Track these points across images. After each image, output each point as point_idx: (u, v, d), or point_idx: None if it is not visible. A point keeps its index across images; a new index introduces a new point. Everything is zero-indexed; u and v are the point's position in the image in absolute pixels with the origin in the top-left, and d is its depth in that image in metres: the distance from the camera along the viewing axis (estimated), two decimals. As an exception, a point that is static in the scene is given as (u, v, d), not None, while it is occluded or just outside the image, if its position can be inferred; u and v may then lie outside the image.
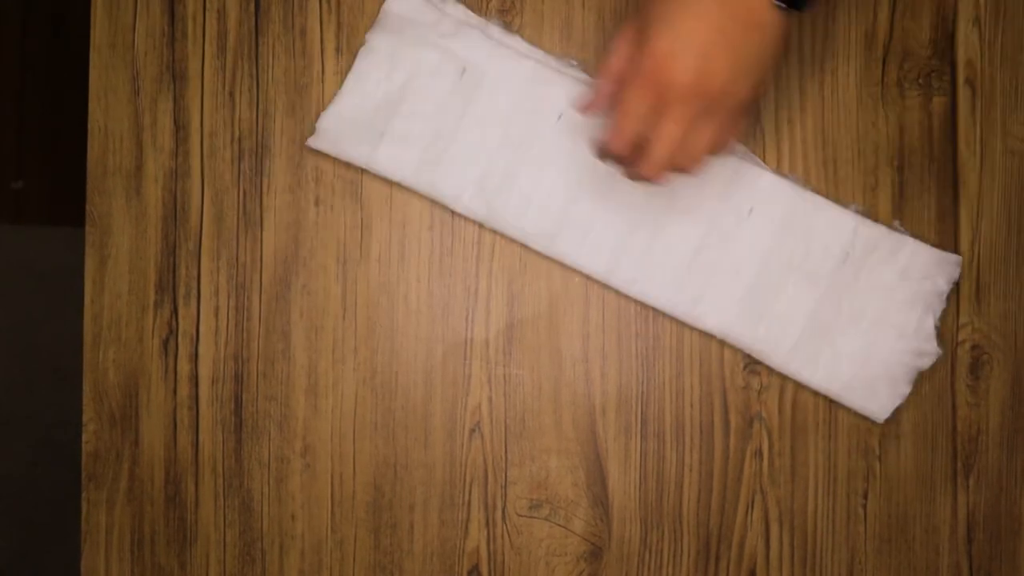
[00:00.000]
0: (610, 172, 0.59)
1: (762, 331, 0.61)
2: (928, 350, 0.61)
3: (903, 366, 0.61)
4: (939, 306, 0.61)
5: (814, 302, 0.61)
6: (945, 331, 0.62)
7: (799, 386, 0.62)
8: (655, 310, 0.62)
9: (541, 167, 0.61)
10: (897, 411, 0.62)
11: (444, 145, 0.61)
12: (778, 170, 0.62)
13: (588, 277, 0.62)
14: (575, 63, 0.62)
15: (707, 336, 0.63)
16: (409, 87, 0.61)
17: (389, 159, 0.61)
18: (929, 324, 0.61)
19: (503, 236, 0.62)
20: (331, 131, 0.61)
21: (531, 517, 0.63)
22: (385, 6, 0.62)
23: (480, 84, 0.61)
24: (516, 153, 0.61)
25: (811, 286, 0.61)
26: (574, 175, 0.62)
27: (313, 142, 0.62)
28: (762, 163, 0.62)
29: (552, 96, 0.61)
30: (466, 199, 0.62)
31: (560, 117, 0.61)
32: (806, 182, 0.62)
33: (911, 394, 0.61)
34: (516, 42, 0.62)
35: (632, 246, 0.61)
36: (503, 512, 0.63)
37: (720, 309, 0.61)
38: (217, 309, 0.63)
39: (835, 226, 0.61)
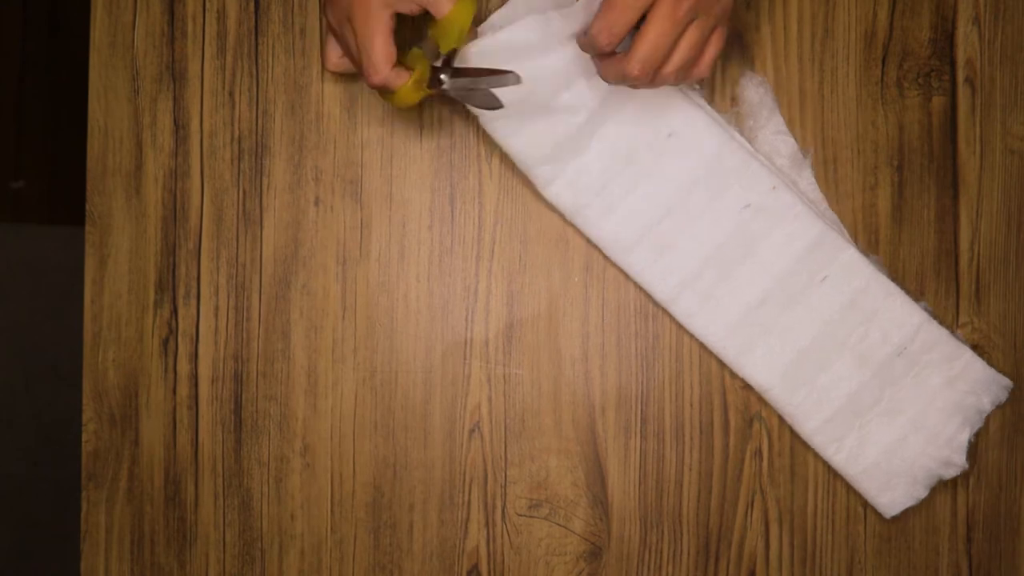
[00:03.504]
0: (697, 200, 0.61)
1: (799, 398, 0.61)
2: (956, 462, 0.60)
3: (926, 470, 0.61)
4: (978, 423, 0.61)
5: (858, 384, 0.61)
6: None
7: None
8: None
9: (637, 178, 0.61)
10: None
11: (554, 126, 0.60)
12: (860, 247, 0.62)
13: (649, 296, 0.62)
14: (697, 88, 0.62)
15: (707, 336, 0.63)
16: (541, 65, 0.57)
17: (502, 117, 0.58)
18: (963, 438, 0.60)
19: (582, 234, 0.62)
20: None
21: (531, 517, 0.63)
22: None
23: (608, 86, 0.58)
24: (617, 158, 0.61)
25: (859, 368, 0.61)
26: (666, 196, 0.61)
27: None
28: (848, 237, 0.62)
29: (669, 113, 0.61)
30: (557, 187, 0.61)
31: (670, 136, 0.61)
32: (880, 264, 0.62)
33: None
34: None
35: (699, 282, 0.61)
36: (503, 512, 0.63)
37: (766, 366, 0.61)
38: (217, 309, 0.63)
39: (900, 318, 0.61)
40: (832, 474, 0.62)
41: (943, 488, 0.62)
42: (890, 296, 0.61)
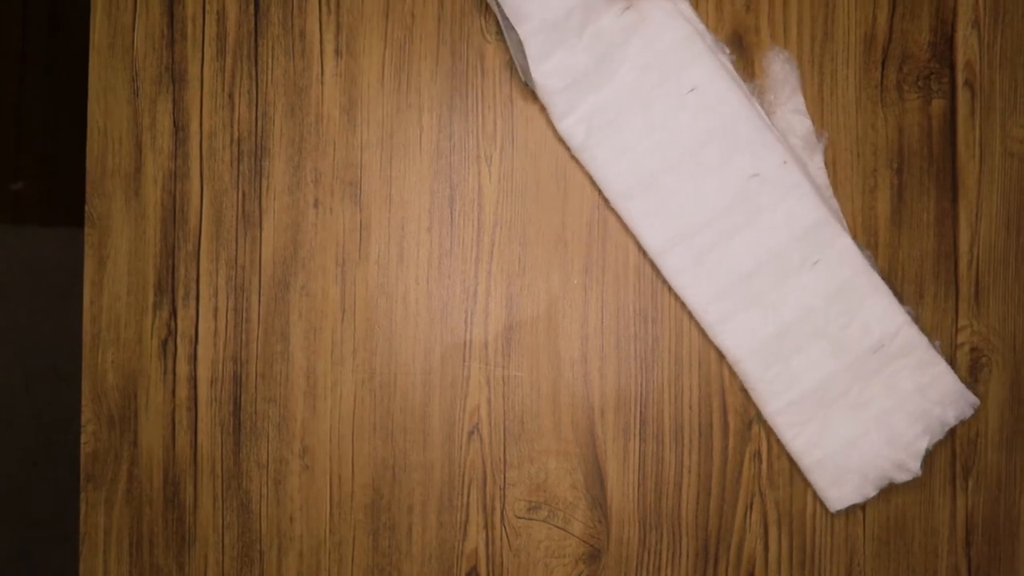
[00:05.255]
0: (706, 159, 0.60)
1: (770, 375, 0.61)
2: (910, 467, 0.61)
3: (879, 470, 0.61)
4: (939, 434, 0.61)
5: (829, 372, 0.61)
6: (944, 333, 0.62)
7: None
8: (685, 306, 0.63)
9: (652, 128, 0.61)
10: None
11: (577, 55, 0.60)
12: (857, 240, 0.62)
13: (639, 248, 0.62)
14: (727, 51, 0.62)
15: (706, 337, 0.63)
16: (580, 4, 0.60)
17: (532, 35, 0.60)
18: (922, 445, 0.61)
19: (585, 172, 0.62)
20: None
21: (530, 519, 0.63)
22: None
23: (637, 27, 0.61)
24: (634, 103, 0.61)
25: (834, 357, 0.61)
26: (677, 149, 0.61)
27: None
28: (846, 227, 0.62)
29: (694, 68, 0.61)
30: (571, 120, 0.61)
31: (692, 91, 0.61)
32: (873, 261, 0.62)
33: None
34: (684, 4, 0.62)
35: (695, 240, 0.61)
36: (502, 514, 0.63)
37: (743, 337, 0.61)
38: (216, 310, 0.63)
39: (884, 315, 0.61)
40: (831, 476, 0.62)
41: (942, 490, 0.62)
42: (877, 292, 0.61)
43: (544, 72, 0.60)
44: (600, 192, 0.62)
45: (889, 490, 0.62)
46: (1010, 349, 0.63)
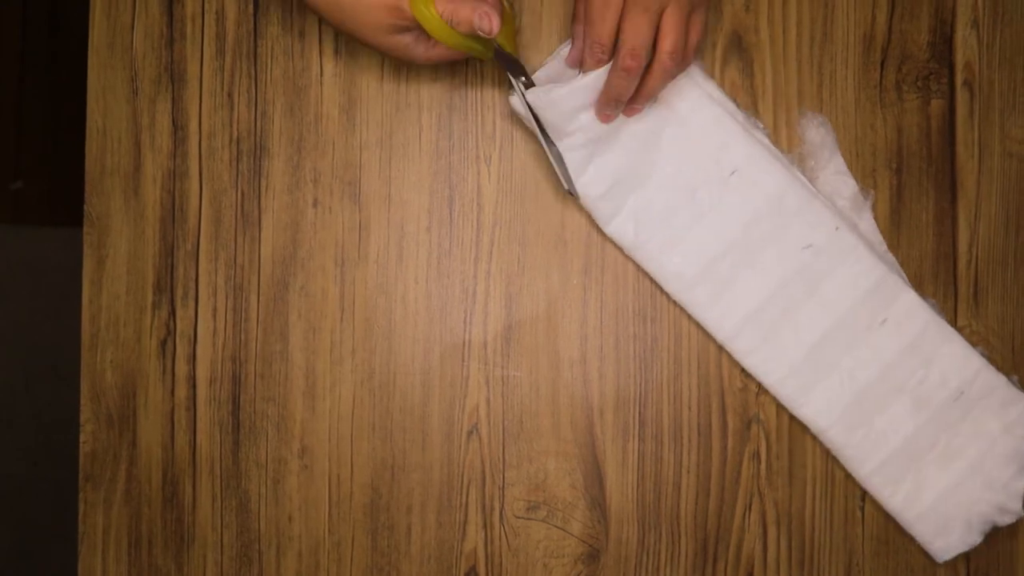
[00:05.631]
0: (759, 238, 0.61)
1: (857, 439, 0.61)
2: (1012, 508, 0.60)
3: (981, 516, 0.61)
4: None
5: (915, 428, 0.61)
6: (943, 333, 0.62)
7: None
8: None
9: (700, 215, 0.61)
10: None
11: (618, 160, 0.61)
12: (921, 292, 0.62)
13: (708, 335, 0.62)
14: (761, 126, 0.62)
15: (705, 338, 0.63)
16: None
17: (571, 150, 0.60)
18: (1020, 485, 0.60)
19: (644, 271, 0.63)
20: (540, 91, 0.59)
21: (529, 519, 0.63)
22: None
23: (667, 120, 0.61)
24: (679, 193, 0.61)
25: (916, 411, 0.61)
26: (729, 233, 0.61)
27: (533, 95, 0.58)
28: (906, 280, 0.62)
29: (732, 150, 0.61)
30: (618, 221, 0.62)
31: (733, 173, 0.61)
32: (940, 310, 0.62)
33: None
34: (711, 87, 0.61)
35: (762, 319, 0.61)
36: (501, 514, 0.63)
37: (825, 406, 0.61)
38: (215, 310, 0.63)
39: (959, 362, 0.61)
40: (830, 477, 0.62)
41: (941, 491, 0.62)
42: (949, 341, 0.61)
43: (585, 183, 0.61)
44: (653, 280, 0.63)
45: (888, 490, 0.62)
46: (1009, 349, 0.63)
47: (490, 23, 0.53)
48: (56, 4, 1.37)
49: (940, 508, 0.61)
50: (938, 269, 0.63)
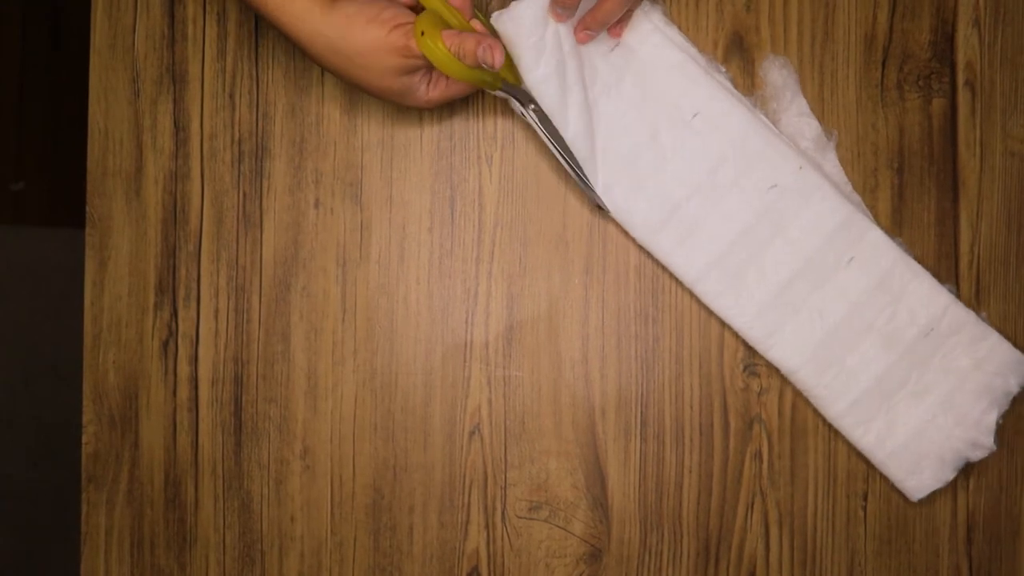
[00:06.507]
0: (723, 180, 0.61)
1: (827, 379, 0.61)
2: (984, 443, 0.60)
3: (954, 452, 0.61)
4: (1005, 405, 0.61)
5: (885, 366, 0.61)
6: (945, 333, 0.62)
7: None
8: (720, 321, 0.63)
9: (664, 159, 0.61)
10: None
11: (584, 109, 0.60)
12: (887, 231, 0.62)
13: (675, 278, 0.62)
14: (723, 70, 0.62)
15: (707, 337, 0.63)
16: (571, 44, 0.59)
17: (543, 90, 0.59)
18: (991, 419, 0.60)
19: (612, 220, 0.62)
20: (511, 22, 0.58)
21: (531, 519, 0.63)
22: None
23: (629, 64, 0.61)
24: (643, 138, 0.61)
25: (886, 349, 0.61)
26: (692, 176, 0.61)
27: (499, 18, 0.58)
28: (872, 219, 0.62)
29: (693, 94, 0.61)
30: (587, 166, 0.61)
31: (696, 116, 0.61)
32: (905, 247, 0.62)
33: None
34: (673, 32, 0.62)
35: (728, 261, 0.61)
36: (503, 514, 0.63)
37: (794, 346, 0.61)
38: (217, 311, 0.63)
39: (927, 298, 0.61)
40: (832, 476, 0.62)
41: (943, 489, 0.62)
42: (917, 277, 0.61)
43: (562, 123, 0.60)
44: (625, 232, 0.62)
45: (890, 489, 0.62)
46: (1011, 349, 0.63)
47: (492, 56, 0.53)
48: (57, 5, 1.37)
49: (912, 446, 0.61)
50: (940, 269, 0.63)
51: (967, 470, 0.62)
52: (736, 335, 0.62)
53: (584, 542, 0.63)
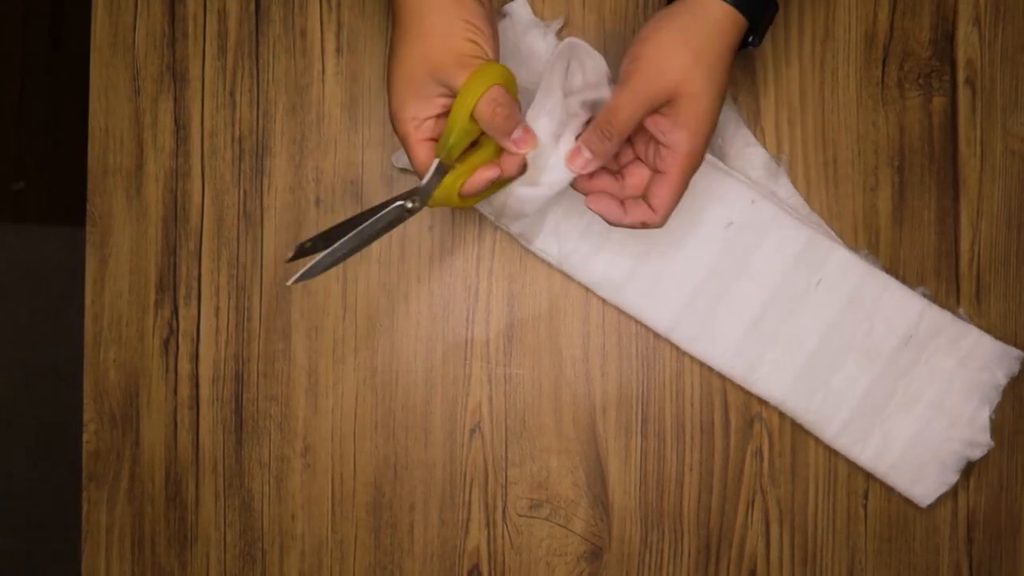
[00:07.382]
0: (679, 226, 0.60)
1: (816, 404, 0.61)
2: (981, 441, 0.61)
3: (953, 454, 0.61)
4: (995, 398, 0.61)
5: (870, 381, 0.61)
6: (945, 331, 0.62)
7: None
8: (712, 370, 0.63)
9: None
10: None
11: (533, 191, 0.55)
12: (851, 246, 0.62)
13: (649, 329, 0.62)
14: None
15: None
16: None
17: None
18: (984, 415, 0.61)
19: (573, 279, 0.62)
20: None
21: (531, 517, 0.63)
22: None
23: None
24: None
25: (869, 364, 0.61)
26: (646, 232, 0.60)
27: None
28: (836, 237, 0.62)
29: None
30: (540, 241, 0.61)
31: None
32: (871, 258, 0.62)
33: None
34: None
35: (697, 305, 0.61)
36: (503, 512, 0.63)
37: (777, 377, 0.61)
38: (217, 309, 0.63)
39: (901, 307, 0.61)
40: (832, 475, 0.62)
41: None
42: (887, 288, 0.61)
43: (497, 213, 0.58)
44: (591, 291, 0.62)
45: (890, 488, 0.62)
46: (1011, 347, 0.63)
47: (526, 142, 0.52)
48: (57, 3, 1.37)
49: (912, 455, 0.61)
50: (940, 267, 0.63)
51: (967, 469, 0.62)
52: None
53: (585, 540, 0.63)
